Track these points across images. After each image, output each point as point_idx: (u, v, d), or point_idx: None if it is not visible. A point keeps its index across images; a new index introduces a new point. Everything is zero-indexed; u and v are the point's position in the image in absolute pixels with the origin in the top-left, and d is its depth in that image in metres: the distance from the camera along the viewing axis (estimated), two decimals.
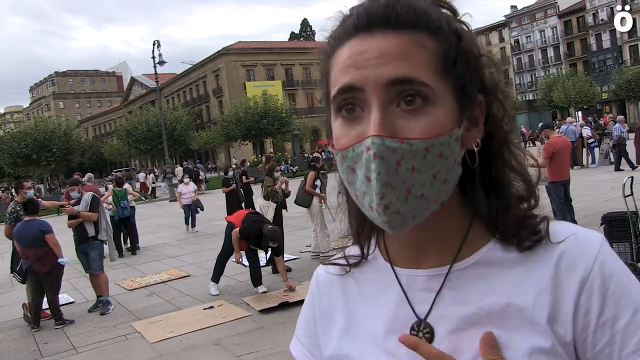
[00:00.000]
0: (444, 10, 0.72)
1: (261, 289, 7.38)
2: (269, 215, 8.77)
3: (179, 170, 29.87)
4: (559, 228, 0.73)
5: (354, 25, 0.69)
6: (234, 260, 7.52)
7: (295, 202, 9.54)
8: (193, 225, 14.67)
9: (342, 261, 0.86)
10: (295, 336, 0.93)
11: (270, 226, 7.27)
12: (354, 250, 0.86)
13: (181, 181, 15.22)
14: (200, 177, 30.93)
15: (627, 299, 0.67)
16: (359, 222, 0.83)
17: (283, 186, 9.40)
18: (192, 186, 14.83)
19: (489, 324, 0.70)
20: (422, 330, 0.74)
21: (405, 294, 0.77)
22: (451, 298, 0.73)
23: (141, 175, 35.22)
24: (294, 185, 10.17)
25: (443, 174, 0.67)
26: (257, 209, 9.11)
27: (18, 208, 7.62)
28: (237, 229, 7.33)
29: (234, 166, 19.13)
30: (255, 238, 7.22)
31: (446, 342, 0.72)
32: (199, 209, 14.84)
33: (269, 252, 7.64)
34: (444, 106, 0.67)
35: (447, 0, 0.73)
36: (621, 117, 18.85)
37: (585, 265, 0.68)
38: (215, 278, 7.82)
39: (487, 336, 0.69)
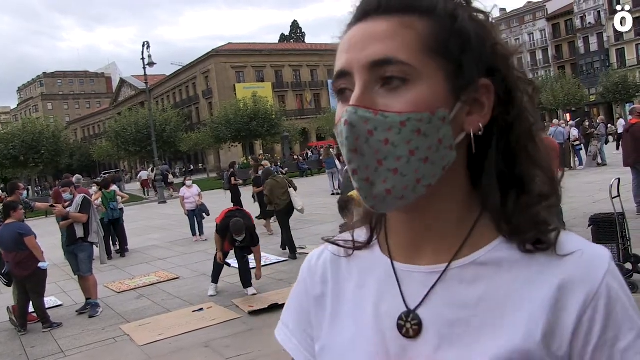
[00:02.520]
0: None
1: (251, 290, 7.36)
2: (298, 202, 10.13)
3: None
4: (566, 240, 0.72)
5: (354, 16, 0.73)
6: (218, 260, 7.49)
7: (343, 192, 10.41)
8: (201, 233, 13.17)
9: (346, 244, 0.85)
10: (281, 322, 0.91)
11: (235, 219, 7.21)
12: (358, 234, 0.85)
13: (183, 184, 13.82)
14: (169, 180, 30.49)
15: (630, 323, 0.67)
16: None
17: None
18: (196, 189, 13.36)
19: (482, 331, 0.69)
20: (410, 322, 0.73)
21: (400, 287, 0.76)
22: (446, 298, 0.72)
23: (144, 173, 35.57)
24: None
25: (423, 152, 0.67)
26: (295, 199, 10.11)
27: None
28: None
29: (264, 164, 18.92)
30: (226, 233, 7.26)
31: (436, 340, 0.71)
32: (204, 214, 13.25)
33: (244, 254, 7.53)
34: (429, 85, 0.67)
35: None
36: None
37: (591, 284, 0.67)
38: (213, 279, 7.78)
39: None
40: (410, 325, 0.73)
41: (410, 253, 0.77)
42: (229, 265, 7.77)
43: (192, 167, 62.40)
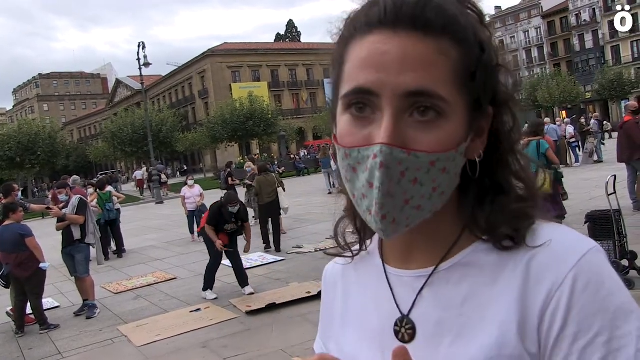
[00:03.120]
0: (470, 12, 0.69)
1: (248, 290, 7.36)
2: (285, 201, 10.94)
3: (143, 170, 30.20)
4: (544, 233, 0.70)
5: (379, 18, 0.65)
6: (218, 248, 7.39)
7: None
8: (199, 234, 12.88)
9: (347, 252, 0.87)
10: (318, 335, 0.94)
11: (227, 192, 7.38)
12: (354, 243, 0.87)
13: (185, 183, 13.51)
14: (162, 180, 30.17)
15: (593, 319, 0.63)
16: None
17: None
18: (198, 189, 13.09)
19: (467, 330, 0.69)
20: (405, 327, 0.74)
21: (392, 292, 0.77)
22: (433, 300, 0.73)
23: (138, 173, 35.80)
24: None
25: (443, 187, 0.67)
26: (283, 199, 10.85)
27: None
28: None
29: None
30: (220, 216, 7.37)
31: (426, 343, 0.72)
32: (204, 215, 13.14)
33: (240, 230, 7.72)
34: (456, 120, 0.66)
35: (475, 3, 0.70)
36: None
37: (555, 277, 0.65)
38: (208, 286, 7.61)
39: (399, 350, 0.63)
40: (405, 330, 0.74)
41: (402, 258, 0.78)
42: (229, 249, 7.60)
43: (185, 167, 62.15)
